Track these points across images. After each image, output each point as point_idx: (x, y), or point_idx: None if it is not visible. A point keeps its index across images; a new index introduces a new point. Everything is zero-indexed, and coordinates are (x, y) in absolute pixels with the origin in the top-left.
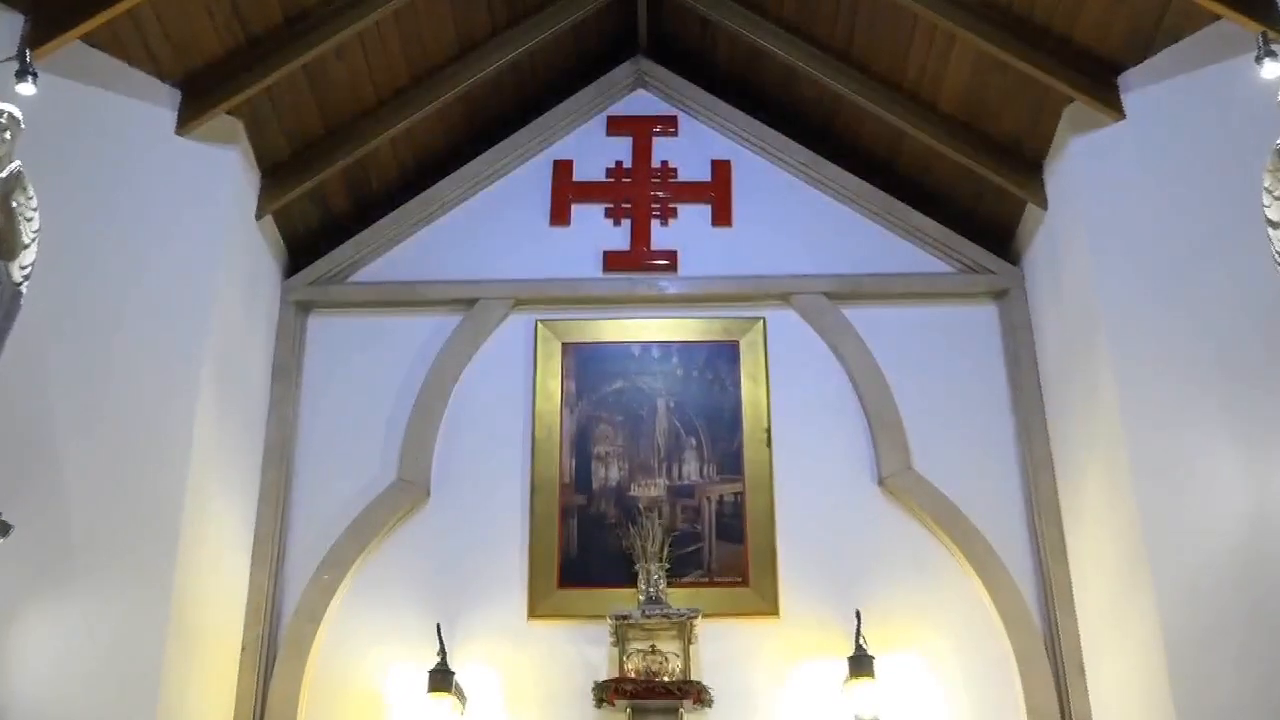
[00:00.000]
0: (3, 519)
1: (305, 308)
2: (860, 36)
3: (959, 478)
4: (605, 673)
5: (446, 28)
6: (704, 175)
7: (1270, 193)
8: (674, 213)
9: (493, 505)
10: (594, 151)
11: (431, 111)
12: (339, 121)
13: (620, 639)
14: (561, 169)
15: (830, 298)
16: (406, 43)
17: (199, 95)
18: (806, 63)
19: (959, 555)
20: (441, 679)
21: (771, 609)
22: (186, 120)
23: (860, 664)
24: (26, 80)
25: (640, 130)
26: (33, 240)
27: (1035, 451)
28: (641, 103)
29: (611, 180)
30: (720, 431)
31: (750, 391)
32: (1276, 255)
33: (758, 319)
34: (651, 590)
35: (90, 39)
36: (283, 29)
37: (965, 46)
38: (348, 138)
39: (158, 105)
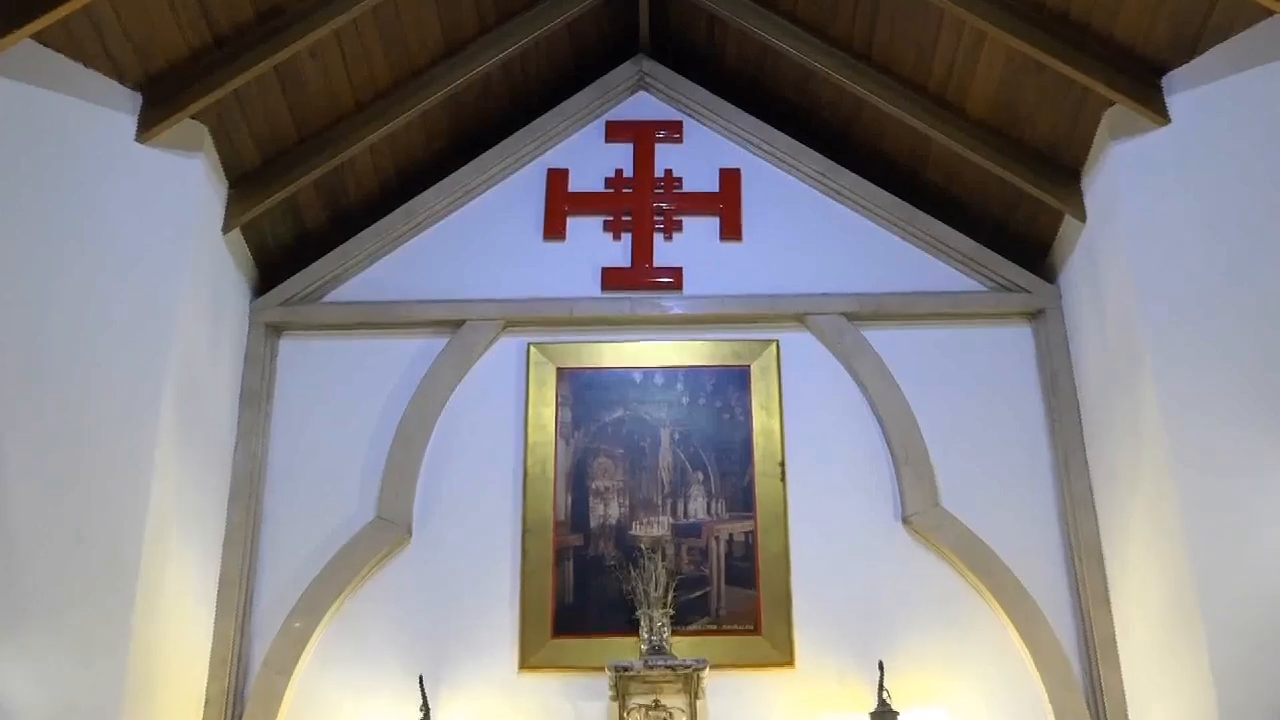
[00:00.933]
0: None
1: (276, 330)
2: (882, 34)
3: (991, 515)
4: None
5: (431, 25)
6: (711, 185)
7: None
8: (679, 226)
9: (481, 546)
10: (591, 159)
11: (415, 116)
12: (314, 127)
13: (620, 692)
14: (556, 178)
15: (849, 319)
16: (387, 41)
17: (161, 99)
18: (823, 63)
19: (991, 601)
20: None
21: (786, 659)
22: (148, 126)
23: (883, 719)
24: None
25: (642, 136)
26: None
27: (1074, 487)
28: (643, 106)
29: (610, 191)
30: (730, 465)
31: (762, 421)
32: None
33: (770, 342)
34: (654, 639)
35: (42, 37)
36: (253, 27)
37: (996, 45)
38: (323, 145)
39: (116, 110)
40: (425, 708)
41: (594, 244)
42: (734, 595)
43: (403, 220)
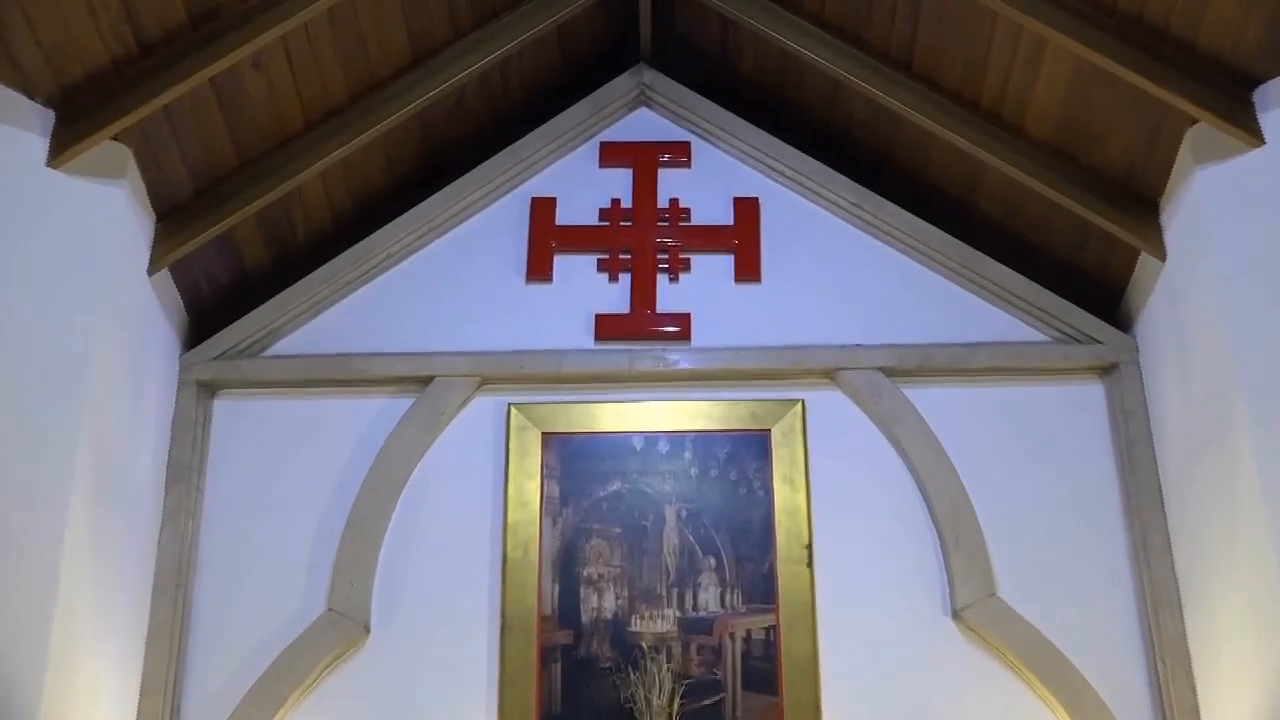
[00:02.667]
0: None
1: (210, 389)
2: (925, 41)
3: (1058, 609)
4: None
5: (395, 30)
6: (724, 217)
7: None
8: (686, 265)
9: (451, 646)
10: (583, 187)
11: (375, 137)
12: (256, 150)
13: None
14: (541, 209)
15: (888, 375)
16: (344, 49)
17: (77, 116)
18: (855, 73)
19: (1059, 710)
20: None
21: None
22: (61, 148)
23: None
24: None
25: (643, 159)
26: None
27: (1156, 575)
28: (644, 124)
29: (605, 224)
30: (747, 548)
31: (786, 496)
32: None
33: (795, 402)
34: None
35: None
36: (185, 32)
37: (1060, 55)
38: (267, 171)
39: (24, 129)
40: None
41: (586, 287)
42: (753, 703)
43: (360, 260)
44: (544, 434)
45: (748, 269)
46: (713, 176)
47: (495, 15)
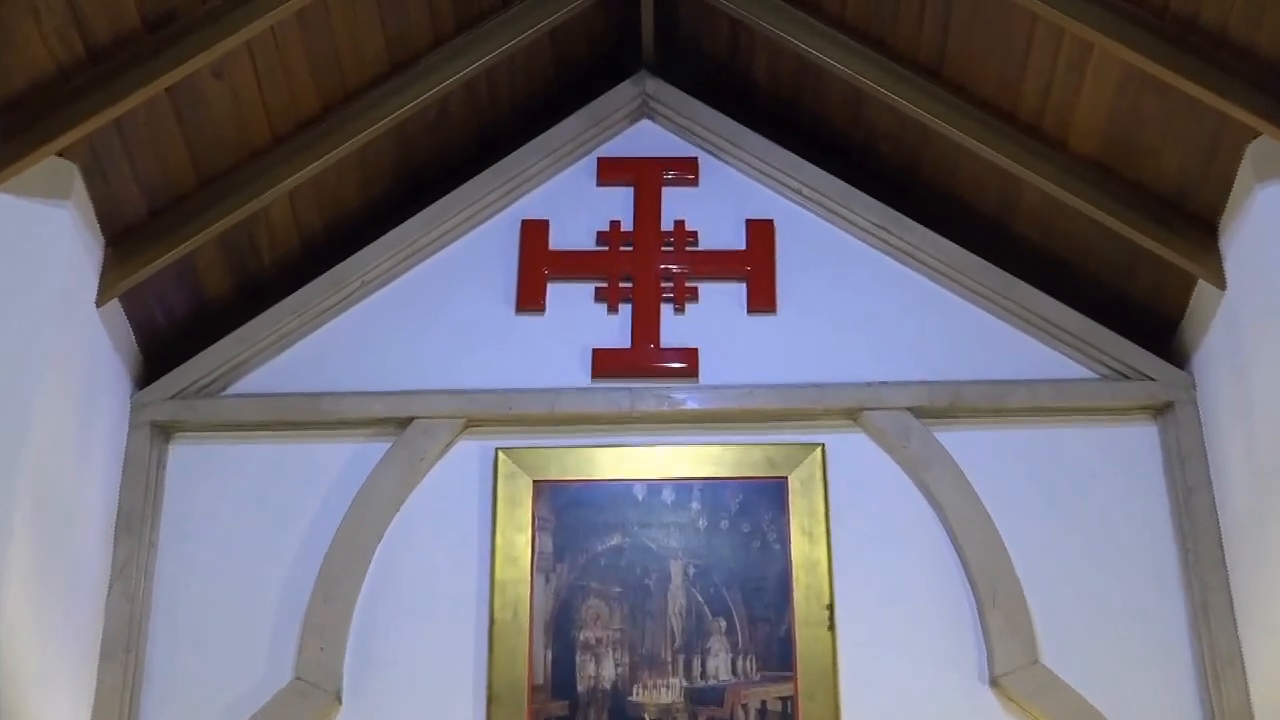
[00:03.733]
0: None
1: (165, 432)
2: (956, 46)
3: (1107, 677)
4: None
5: (372, 35)
6: (736, 241)
7: None
8: (693, 294)
9: (433, 718)
10: (579, 207)
11: (350, 153)
12: (218, 168)
13: None
14: (533, 232)
15: (917, 415)
16: (315, 56)
17: (19, 130)
18: (880, 82)
19: None
20: None
21: None
22: (1, 165)
23: None
24: None
25: (645, 177)
26: None
27: (1216, 638)
28: (647, 138)
29: (604, 248)
30: (762, 609)
31: (804, 550)
32: None
33: (814, 447)
34: None
35: None
36: (139, 37)
37: (1106, 61)
38: (230, 190)
39: None
40: None
41: (582, 318)
42: None
43: (332, 288)
44: (535, 482)
45: (761, 299)
46: (722, 196)
47: (482, 18)
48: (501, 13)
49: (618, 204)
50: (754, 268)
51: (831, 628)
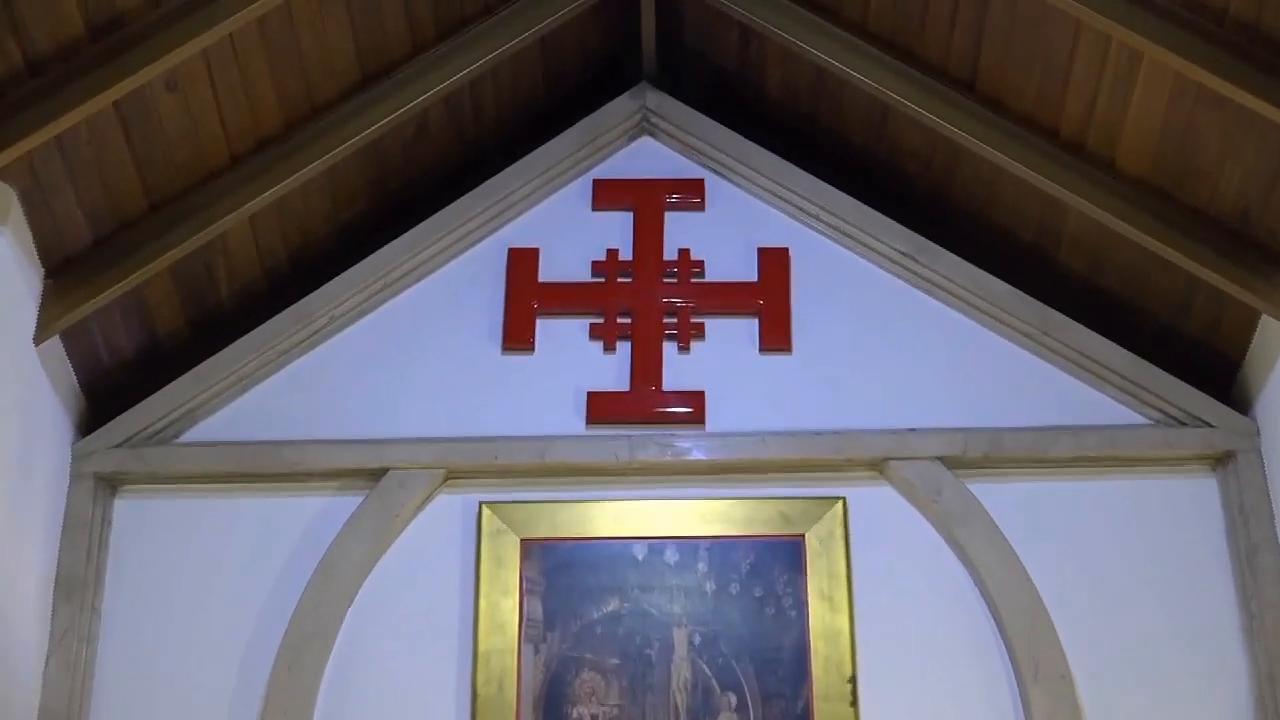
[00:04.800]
0: None
1: (111, 484)
2: (991, 56)
3: None
4: None
5: (342, 44)
6: (747, 272)
7: None
8: (699, 331)
9: None
10: (572, 234)
11: (317, 174)
12: (170, 190)
13: None
14: (521, 262)
15: (949, 466)
16: (278, 67)
17: None
18: (907, 96)
19: None
20: None
21: None
22: None
23: None
24: None
25: (646, 201)
26: None
27: None
28: (647, 157)
29: (600, 280)
30: (776, 683)
31: (823, 617)
32: None
33: (834, 501)
34: None
35: None
36: (83, 46)
37: (1158, 71)
38: (184, 215)
39: None
40: None
41: (576, 357)
42: None
43: (298, 324)
44: (523, 540)
45: (775, 336)
46: (731, 221)
47: (464, 24)
48: (487, 18)
49: (615, 230)
50: (767, 301)
51: (854, 704)
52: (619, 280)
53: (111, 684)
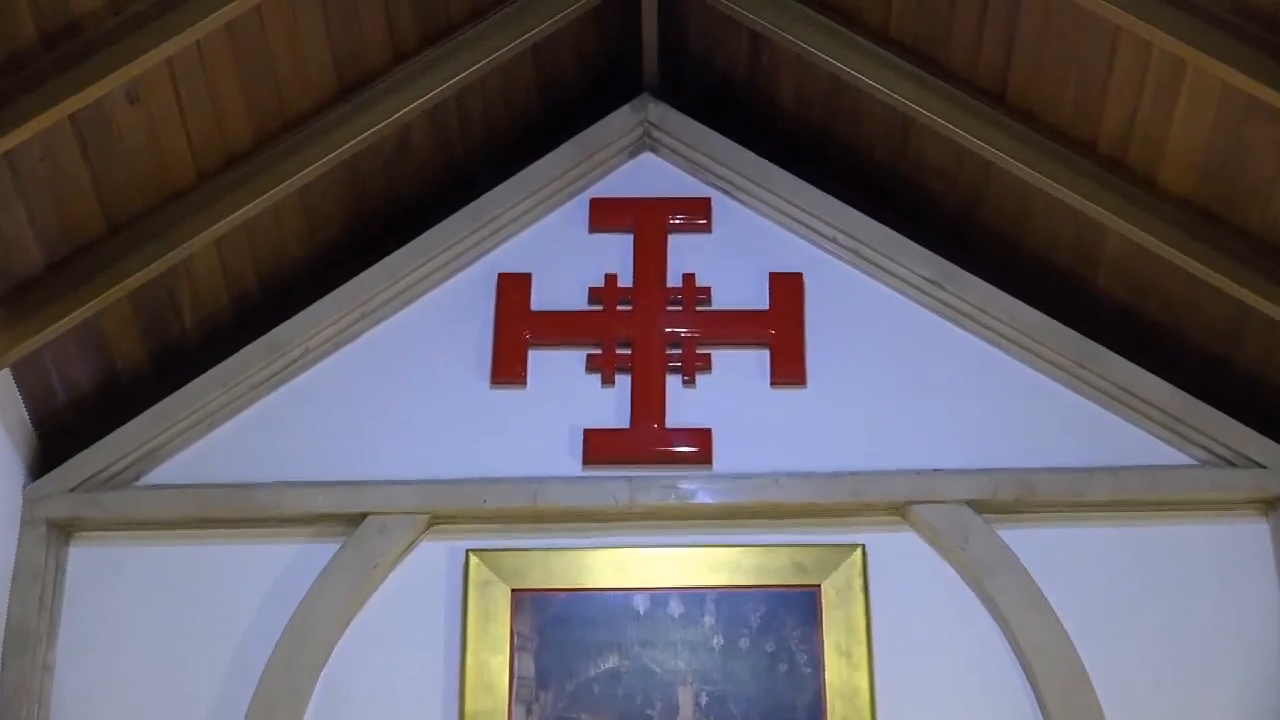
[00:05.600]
0: None
1: (65, 530)
2: (1023, 65)
3: None
4: None
5: (317, 51)
6: (757, 299)
7: None
8: (705, 364)
9: None
10: (568, 259)
11: (290, 194)
12: (130, 211)
13: None
14: (512, 289)
15: (978, 510)
16: (248, 77)
17: None
18: (932, 109)
19: None
20: None
21: None
22: None
23: None
24: None
25: (647, 222)
26: None
27: None
28: (649, 175)
29: (598, 308)
30: None
31: (841, 674)
32: None
33: (852, 548)
34: None
35: None
36: (36, 54)
37: (1203, 81)
38: (145, 238)
39: None
40: None
41: (571, 392)
42: None
43: (269, 356)
44: (514, 591)
45: (788, 368)
46: (741, 245)
47: (450, 31)
48: (474, 24)
49: (614, 254)
50: (779, 331)
51: None
52: (618, 308)
53: None
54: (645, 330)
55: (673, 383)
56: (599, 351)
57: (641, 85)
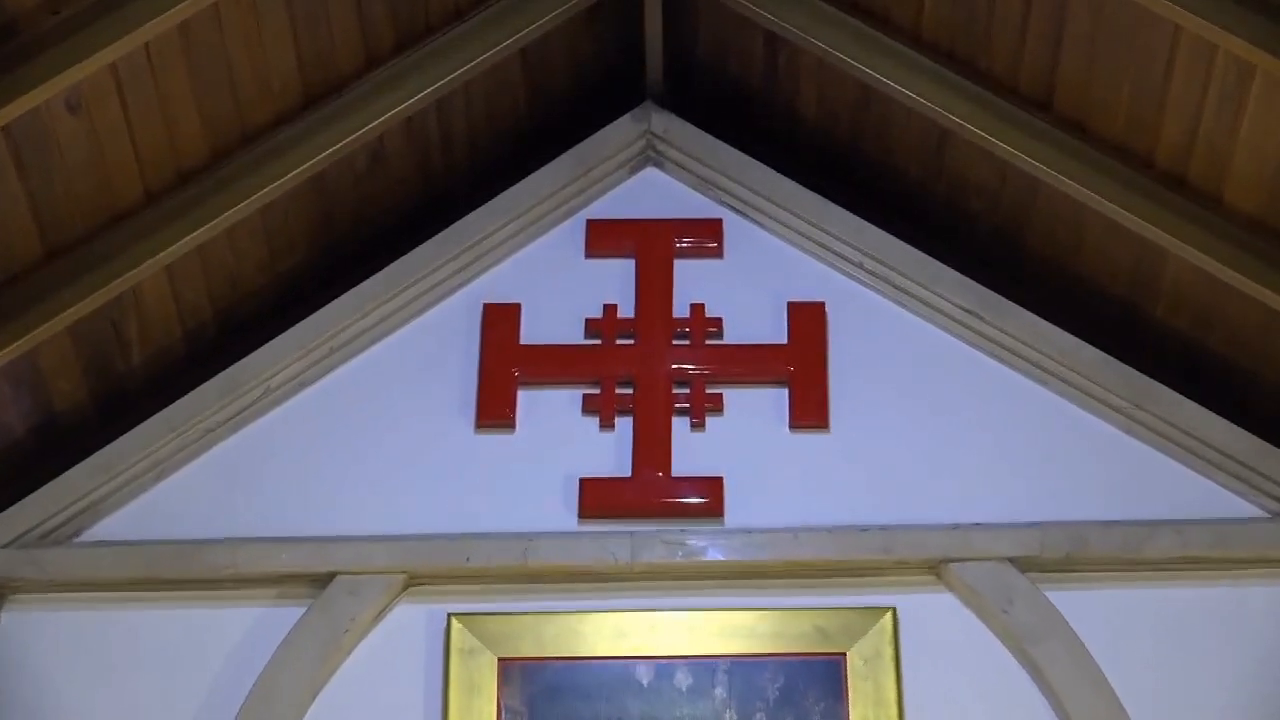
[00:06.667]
0: None
1: None
2: (1071, 69)
3: None
4: None
5: (281, 55)
6: (775, 332)
7: None
8: (716, 404)
9: None
10: (562, 287)
11: (249, 214)
12: (70, 233)
13: None
14: (499, 320)
15: (1023, 569)
16: (203, 83)
17: None
18: (971, 119)
19: None
20: None
21: None
22: None
23: None
24: None
25: (651, 245)
26: None
27: None
28: (653, 193)
29: (595, 342)
30: None
31: None
32: None
33: (882, 612)
34: None
35: None
36: None
37: (1274, 87)
38: (88, 264)
39: None
40: None
41: (565, 437)
42: None
43: (225, 396)
44: (502, 660)
45: (809, 410)
46: (756, 271)
47: (429, 33)
48: (456, 24)
49: (613, 282)
50: (799, 368)
51: None
52: (618, 342)
53: None
54: (648, 367)
55: (679, 426)
56: (596, 391)
57: (644, 92)
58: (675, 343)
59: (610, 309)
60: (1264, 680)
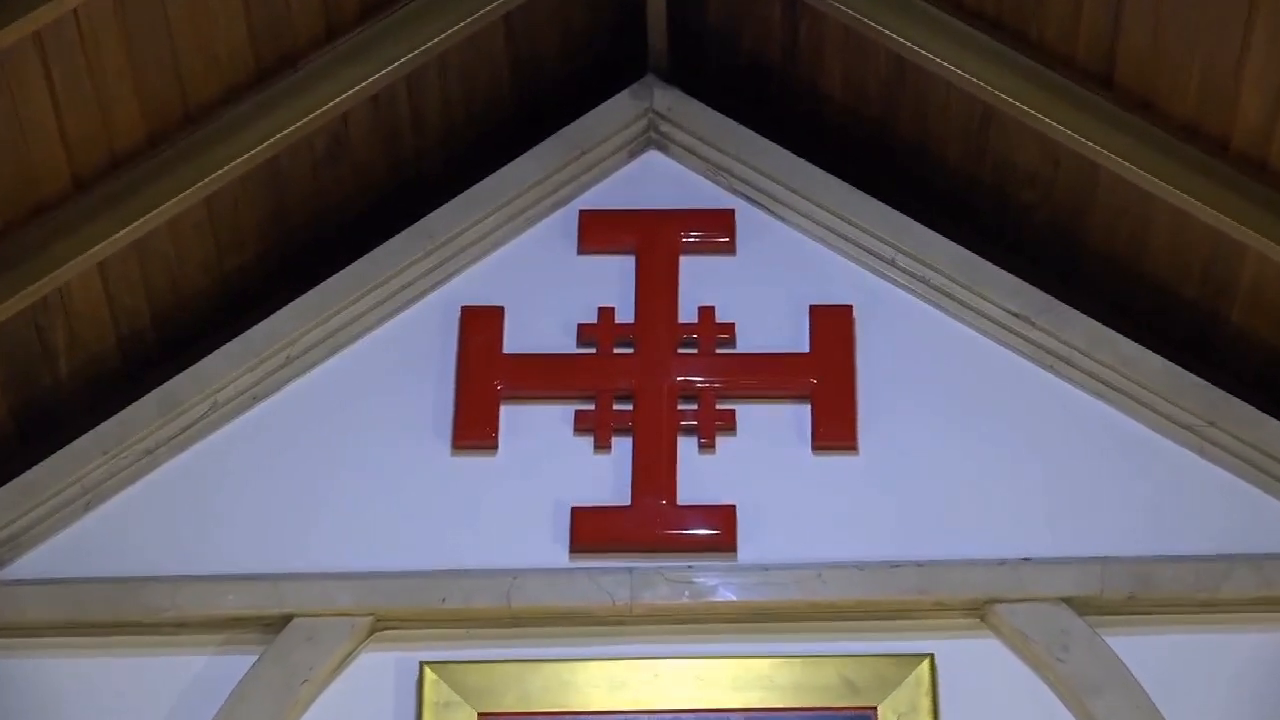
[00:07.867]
0: None
1: None
2: (1134, 43)
3: None
4: None
5: (230, 24)
6: (794, 340)
7: None
8: (728, 422)
9: None
10: (551, 288)
11: (193, 204)
12: None
13: None
14: (480, 325)
15: (1079, 610)
16: (140, 54)
17: None
18: (1019, 96)
19: None
20: None
21: None
22: None
23: None
24: None
25: (652, 240)
26: None
27: None
28: (656, 180)
29: (589, 351)
30: None
31: None
32: None
33: (919, 659)
34: None
35: None
36: None
37: None
38: (9, 261)
39: None
40: None
41: (555, 459)
42: None
43: (165, 414)
44: (481, 715)
45: (834, 429)
46: (773, 269)
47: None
48: None
49: (610, 282)
50: (822, 380)
51: None
52: (615, 351)
53: None
54: (650, 380)
55: (686, 447)
56: (591, 407)
57: (646, 65)
58: (680, 351)
59: (606, 313)
60: None
